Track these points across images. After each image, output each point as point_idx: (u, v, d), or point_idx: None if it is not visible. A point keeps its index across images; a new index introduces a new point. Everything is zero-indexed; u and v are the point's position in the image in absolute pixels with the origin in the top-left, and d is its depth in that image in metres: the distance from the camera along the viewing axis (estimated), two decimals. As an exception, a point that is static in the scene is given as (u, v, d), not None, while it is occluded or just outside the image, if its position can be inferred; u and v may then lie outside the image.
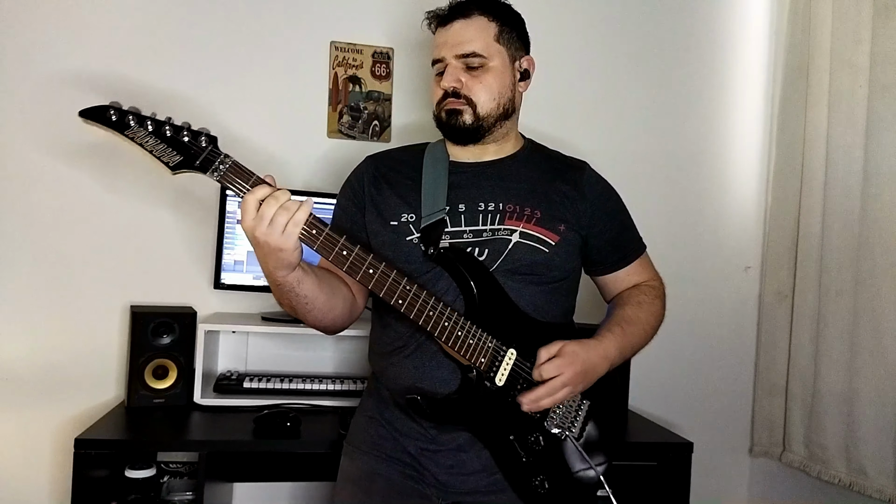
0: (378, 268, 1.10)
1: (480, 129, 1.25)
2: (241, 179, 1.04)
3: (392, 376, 1.24)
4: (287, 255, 1.04)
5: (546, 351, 1.16)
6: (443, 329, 1.13)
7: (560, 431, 1.20)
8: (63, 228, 1.89)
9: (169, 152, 1.03)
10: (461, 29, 1.24)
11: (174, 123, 1.04)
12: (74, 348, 1.90)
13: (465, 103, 1.23)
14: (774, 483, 2.27)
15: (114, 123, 1.01)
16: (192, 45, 1.97)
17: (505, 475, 1.20)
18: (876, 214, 1.90)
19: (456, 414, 1.18)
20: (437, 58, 1.26)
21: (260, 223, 1.01)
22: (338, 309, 1.23)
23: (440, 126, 1.28)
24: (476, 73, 1.24)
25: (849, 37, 1.97)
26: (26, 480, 1.87)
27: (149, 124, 1.02)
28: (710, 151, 2.32)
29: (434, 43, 1.28)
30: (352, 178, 1.34)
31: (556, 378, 1.13)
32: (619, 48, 2.25)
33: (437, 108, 1.27)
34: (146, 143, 1.02)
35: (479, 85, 1.23)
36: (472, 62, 1.23)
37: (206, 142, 1.04)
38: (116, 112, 1.01)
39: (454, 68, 1.23)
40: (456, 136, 1.27)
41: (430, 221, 1.21)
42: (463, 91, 1.23)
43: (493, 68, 1.24)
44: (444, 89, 1.24)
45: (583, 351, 1.17)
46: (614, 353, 1.22)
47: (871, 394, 1.89)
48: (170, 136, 1.03)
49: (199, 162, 1.04)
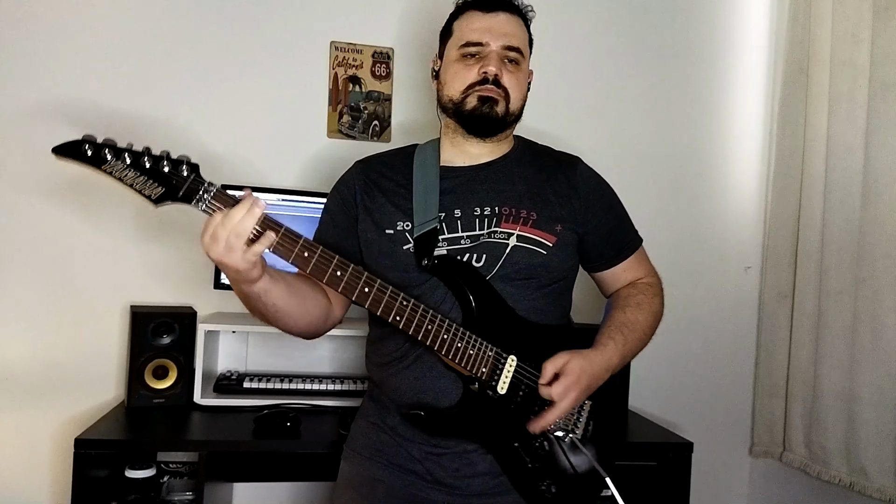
0: (373, 286, 1.09)
1: (504, 124, 1.24)
2: (226, 208, 1.00)
3: (392, 387, 1.22)
4: (245, 274, 1.02)
5: (552, 365, 1.14)
6: (442, 342, 1.12)
7: (564, 434, 1.20)
8: (63, 228, 1.89)
9: (150, 185, 0.99)
10: (507, 21, 1.23)
11: (153, 154, 1.00)
12: (74, 348, 1.90)
13: (501, 94, 1.21)
14: (774, 483, 2.27)
15: (89, 159, 0.97)
16: (191, 45, 1.97)
17: (511, 481, 1.19)
18: (876, 214, 1.90)
19: (460, 426, 1.17)
20: (478, 41, 1.21)
21: (214, 245, 0.98)
22: (310, 316, 1.20)
23: (461, 112, 1.23)
24: (512, 69, 1.23)
25: (849, 37, 1.97)
26: (26, 480, 1.87)
27: (126, 157, 0.98)
28: (711, 151, 2.32)
29: (469, 26, 1.24)
30: (341, 184, 1.31)
31: (564, 400, 1.12)
32: (619, 48, 2.25)
33: (465, 92, 1.22)
34: (125, 177, 0.98)
35: (514, 81, 1.23)
36: (513, 56, 1.23)
37: (188, 171, 1.00)
38: (91, 146, 0.97)
39: (499, 56, 1.22)
40: (481, 125, 1.23)
41: (423, 231, 1.19)
42: (503, 81, 1.22)
43: (522, 70, 1.26)
44: (485, 75, 1.20)
45: (588, 366, 1.15)
46: (616, 361, 1.21)
47: (871, 394, 1.89)
48: (149, 167, 0.99)
49: (181, 193, 1.00)
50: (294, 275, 1.18)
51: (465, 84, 1.22)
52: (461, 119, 1.24)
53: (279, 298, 1.12)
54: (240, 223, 0.98)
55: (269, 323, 1.17)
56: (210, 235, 0.99)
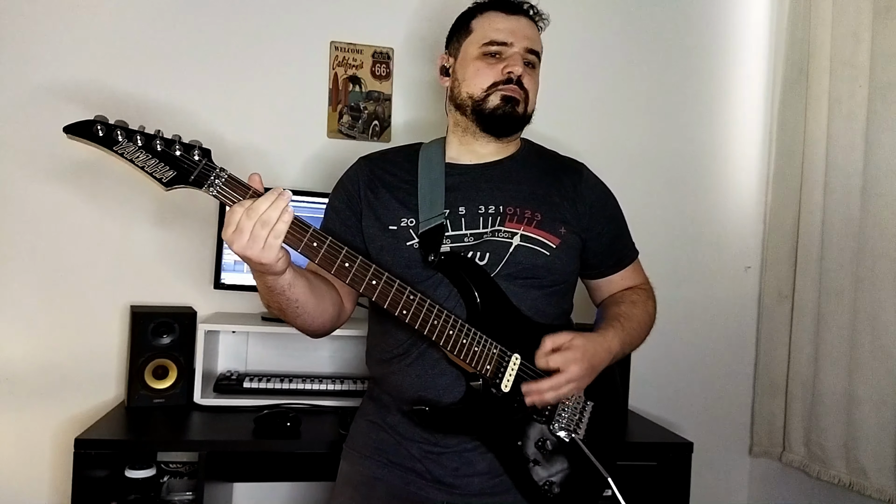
0: (381, 278, 1.08)
1: (521, 124, 1.27)
2: (238, 194, 1.00)
3: (394, 384, 1.22)
4: (270, 267, 1.02)
5: (551, 340, 1.14)
6: (448, 337, 1.12)
7: (566, 434, 1.20)
8: (63, 228, 1.89)
9: (161, 168, 0.98)
10: (529, 25, 1.27)
11: (165, 137, 0.99)
12: (74, 348, 1.90)
13: (523, 95, 1.24)
14: (774, 483, 2.27)
15: (101, 139, 0.96)
16: (191, 44, 1.97)
17: (513, 480, 1.19)
18: (876, 214, 1.91)
19: (463, 423, 1.17)
20: (503, 41, 1.23)
21: (239, 237, 0.97)
22: (327, 313, 1.21)
23: (480, 110, 1.23)
24: (530, 72, 1.26)
25: (849, 37, 1.97)
26: (26, 480, 1.87)
27: (138, 139, 0.97)
28: (711, 151, 2.32)
29: (491, 25, 1.25)
30: (345, 180, 1.32)
31: (561, 373, 1.11)
32: (619, 48, 2.25)
33: (488, 90, 1.23)
34: (136, 158, 0.97)
35: (533, 84, 1.27)
36: (532, 60, 1.26)
37: (200, 155, 1.00)
38: (103, 126, 0.96)
39: (521, 57, 1.24)
40: (501, 124, 1.24)
41: (429, 227, 1.20)
42: (525, 83, 1.24)
43: (538, 74, 1.29)
44: (510, 75, 1.22)
45: (590, 345, 1.16)
46: (617, 346, 1.21)
47: (871, 394, 1.89)
48: (160, 150, 0.98)
49: (193, 177, 0.99)
50: (308, 271, 1.19)
51: (489, 82, 1.23)
52: (480, 117, 1.24)
53: (301, 293, 1.12)
54: (267, 213, 0.97)
55: (288, 320, 1.17)
56: (235, 227, 0.98)
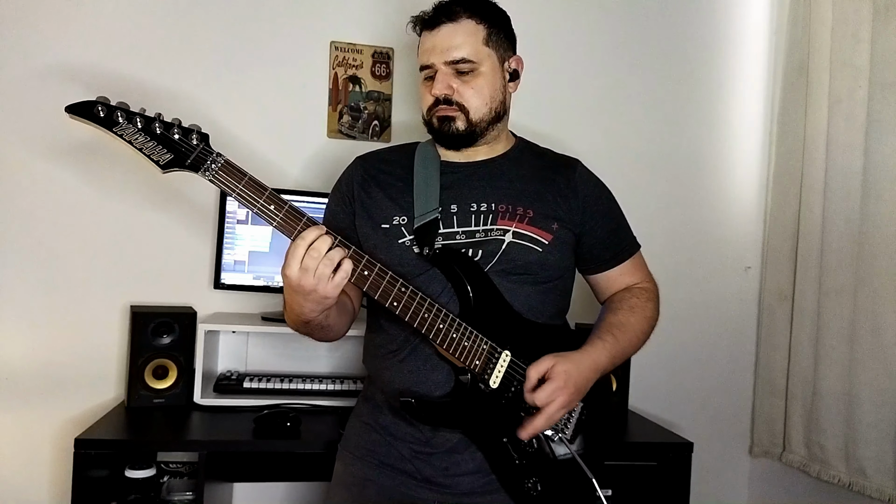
0: (373, 269, 1.09)
1: (473, 135, 1.24)
2: (233, 179, 1.03)
3: (387, 380, 1.23)
4: (330, 301, 1.05)
5: (535, 370, 1.13)
6: (437, 331, 1.12)
7: (553, 434, 1.20)
8: (63, 228, 1.89)
9: (159, 150, 1.00)
10: (449, 34, 1.21)
11: (164, 120, 1.01)
12: (74, 348, 1.90)
13: (457, 110, 1.22)
14: (774, 483, 2.27)
15: (101, 120, 0.98)
16: (191, 44, 1.97)
17: (498, 477, 1.19)
18: (876, 214, 1.90)
19: (450, 416, 1.17)
20: (426, 63, 1.23)
21: (305, 275, 1.00)
22: (344, 324, 1.25)
23: (432, 132, 1.27)
24: (467, 79, 1.21)
25: (849, 37, 1.97)
26: (26, 480, 1.87)
27: (138, 121, 1.00)
28: (710, 152, 2.32)
29: (421, 47, 1.25)
30: (341, 182, 1.33)
31: (550, 405, 1.11)
32: (618, 49, 2.25)
33: (429, 114, 1.25)
34: (135, 140, 1.00)
35: (471, 91, 1.21)
36: (463, 68, 1.20)
37: (198, 139, 1.02)
38: (104, 108, 0.98)
39: (444, 74, 1.21)
40: (449, 142, 1.26)
41: (424, 222, 1.20)
42: (455, 97, 1.21)
43: (483, 73, 1.22)
44: (434, 97, 1.22)
45: (574, 369, 1.14)
46: (605, 362, 1.21)
47: (871, 394, 1.89)
48: (159, 133, 1.00)
49: (190, 161, 1.01)
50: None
51: (428, 105, 1.25)
52: (434, 135, 1.28)
53: (334, 320, 1.17)
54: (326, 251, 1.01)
55: (311, 336, 1.22)
56: (300, 267, 1.00)
